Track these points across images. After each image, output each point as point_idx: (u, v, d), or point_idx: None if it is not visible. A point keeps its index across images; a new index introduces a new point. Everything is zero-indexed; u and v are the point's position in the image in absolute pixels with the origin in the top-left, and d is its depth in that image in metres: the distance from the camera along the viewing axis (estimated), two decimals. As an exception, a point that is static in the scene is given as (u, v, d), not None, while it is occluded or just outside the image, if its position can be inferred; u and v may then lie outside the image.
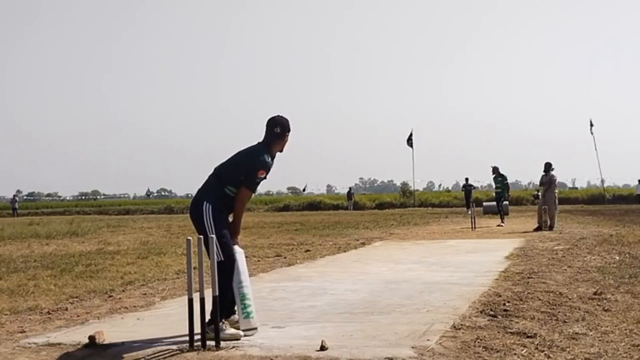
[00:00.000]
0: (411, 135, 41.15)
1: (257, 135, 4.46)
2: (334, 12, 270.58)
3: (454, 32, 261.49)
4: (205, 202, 4.27)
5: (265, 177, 4.38)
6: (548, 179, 14.60)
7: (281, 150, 4.47)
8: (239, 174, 4.31)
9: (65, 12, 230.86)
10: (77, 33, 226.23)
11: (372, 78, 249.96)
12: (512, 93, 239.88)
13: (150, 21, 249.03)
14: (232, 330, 4.08)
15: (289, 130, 4.46)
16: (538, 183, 15.18)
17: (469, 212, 21.75)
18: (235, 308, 4.22)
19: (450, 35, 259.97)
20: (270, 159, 4.37)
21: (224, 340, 3.93)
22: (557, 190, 15.01)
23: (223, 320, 4.08)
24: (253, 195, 4.57)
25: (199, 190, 4.42)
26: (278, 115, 4.46)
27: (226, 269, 4.14)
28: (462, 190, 30.35)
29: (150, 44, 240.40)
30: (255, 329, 4.19)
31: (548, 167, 14.65)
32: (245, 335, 4.09)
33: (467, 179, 28.76)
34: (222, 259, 4.12)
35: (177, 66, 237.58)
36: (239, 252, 4.32)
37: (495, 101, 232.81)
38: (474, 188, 29.61)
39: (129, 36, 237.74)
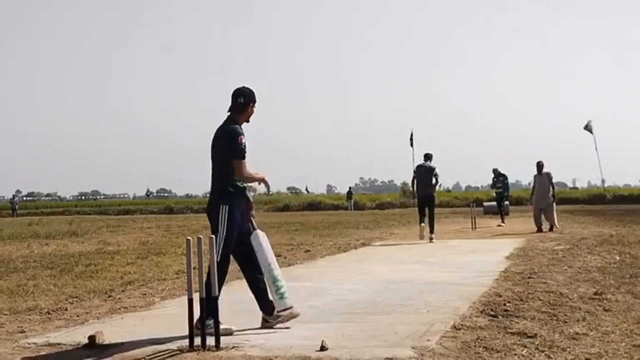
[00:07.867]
0: (412, 135, 41.22)
1: (256, 134, 4.47)
2: (334, 12, 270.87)
3: (455, 33, 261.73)
4: (222, 205, 4.31)
5: (245, 142, 4.36)
6: (550, 178, 14.35)
7: (247, 121, 4.49)
8: (226, 157, 4.32)
9: (65, 12, 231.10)
10: (78, 33, 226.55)
11: (371, 78, 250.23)
12: (512, 93, 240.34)
13: (151, 21, 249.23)
14: (224, 326, 4.08)
15: (253, 101, 4.48)
16: (533, 184, 14.46)
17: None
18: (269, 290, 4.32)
19: (451, 36, 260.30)
20: (239, 128, 4.38)
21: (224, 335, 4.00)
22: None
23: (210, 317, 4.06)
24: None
25: (212, 191, 4.48)
26: (242, 86, 4.50)
27: (219, 270, 4.08)
28: None
29: (151, 44, 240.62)
30: (291, 307, 4.30)
31: (542, 166, 14.37)
32: (279, 317, 4.26)
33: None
34: (219, 260, 4.14)
35: (177, 66, 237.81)
36: (261, 235, 4.41)
37: (495, 101, 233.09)
38: None
39: (130, 36, 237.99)
